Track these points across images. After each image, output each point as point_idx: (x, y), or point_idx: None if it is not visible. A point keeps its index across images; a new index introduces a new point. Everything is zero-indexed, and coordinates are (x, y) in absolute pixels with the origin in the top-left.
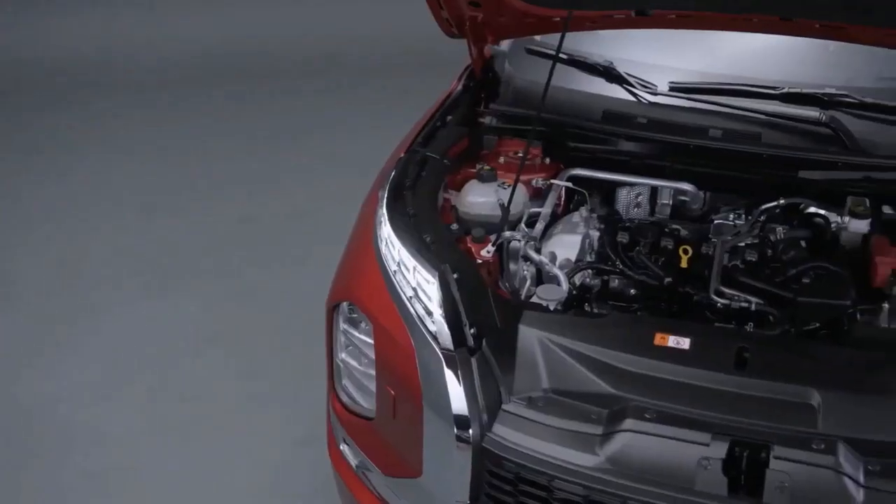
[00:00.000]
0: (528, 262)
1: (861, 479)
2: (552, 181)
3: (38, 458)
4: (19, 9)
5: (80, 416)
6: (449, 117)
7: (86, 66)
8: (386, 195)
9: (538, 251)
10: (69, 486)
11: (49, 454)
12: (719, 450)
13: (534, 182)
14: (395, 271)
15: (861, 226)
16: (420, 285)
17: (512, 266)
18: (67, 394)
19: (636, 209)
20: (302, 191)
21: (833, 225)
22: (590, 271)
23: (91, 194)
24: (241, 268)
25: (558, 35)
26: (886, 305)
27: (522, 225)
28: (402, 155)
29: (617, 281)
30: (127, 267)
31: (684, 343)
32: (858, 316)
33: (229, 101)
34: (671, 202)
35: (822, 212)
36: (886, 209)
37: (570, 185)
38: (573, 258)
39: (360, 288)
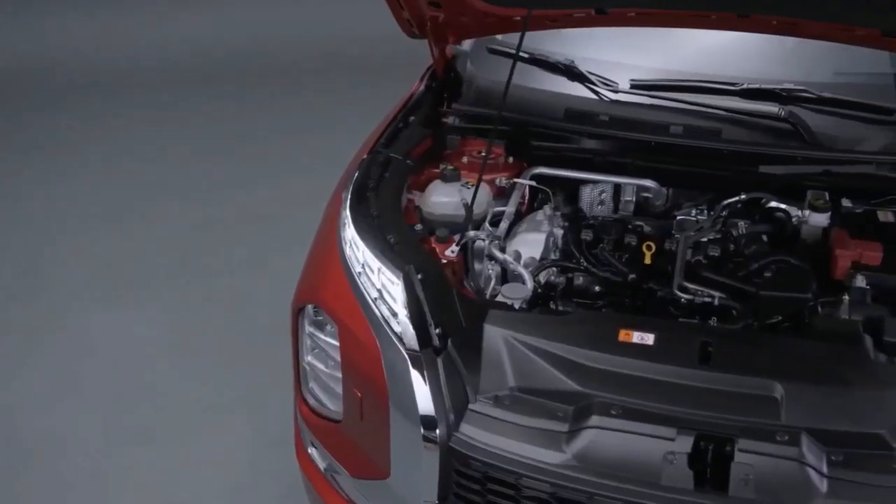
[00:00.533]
0: (493, 261)
1: (824, 469)
2: (516, 180)
3: None
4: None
5: (41, 425)
6: (412, 118)
7: (41, 70)
8: (349, 197)
9: (502, 250)
10: (29, 495)
11: (8, 464)
12: (685, 444)
13: (497, 181)
14: (359, 273)
15: (821, 219)
16: (385, 286)
17: (477, 265)
18: (25, 402)
19: (600, 206)
20: (268, 194)
21: (794, 219)
22: (554, 269)
23: (55, 199)
24: (207, 272)
25: (518, 35)
26: (846, 297)
27: (486, 224)
28: (365, 156)
29: (581, 278)
30: (89, 273)
31: (648, 339)
32: (819, 308)
33: (193, 104)
34: (634, 199)
35: (782, 206)
36: (845, 202)
37: (533, 183)
38: (538, 256)
39: (324, 290)
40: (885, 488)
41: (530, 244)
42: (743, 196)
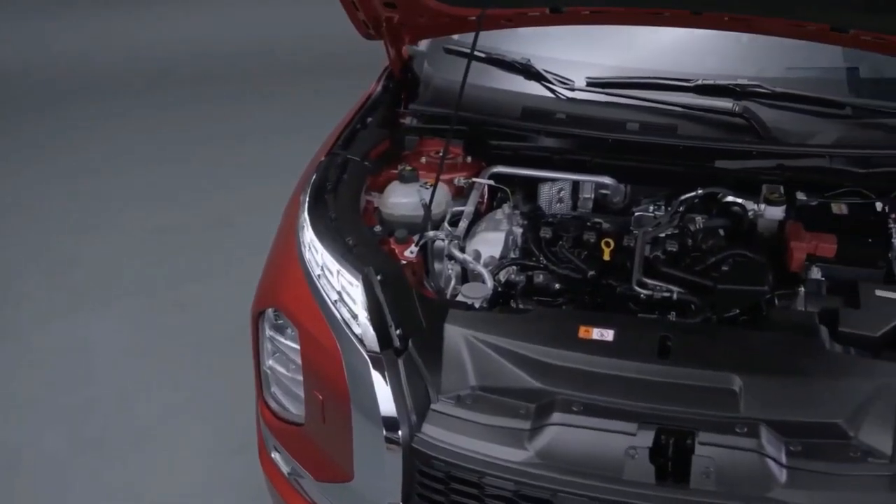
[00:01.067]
0: (453, 261)
1: (783, 459)
2: (474, 179)
3: None
4: None
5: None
6: (369, 119)
7: None
8: (307, 199)
9: (462, 250)
10: None
11: None
12: (646, 438)
13: (456, 181)
14: (318, 275)
15: (776, 212)
16: (344, 289)
17: (437, 265)
18: None
19: (559, 204)
20: (226, 199)
21: (750, 213)
22: (514, 268)
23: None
24: (169, 278)
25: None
26: (803, 289)
27: (446, 224)
28: (323, 158)
29: (541, 276)
30: (49, 281)
31: (608, 335)
32: (776, 301)
33: (148, 108)
34: (593, 196)
35: (739, 200)
36: (800, 195)
37: (491, 182)
38: (497, 255)
39: (284, 293)
40: (842, 476)
41: (490, 243)
42: (699, 191)
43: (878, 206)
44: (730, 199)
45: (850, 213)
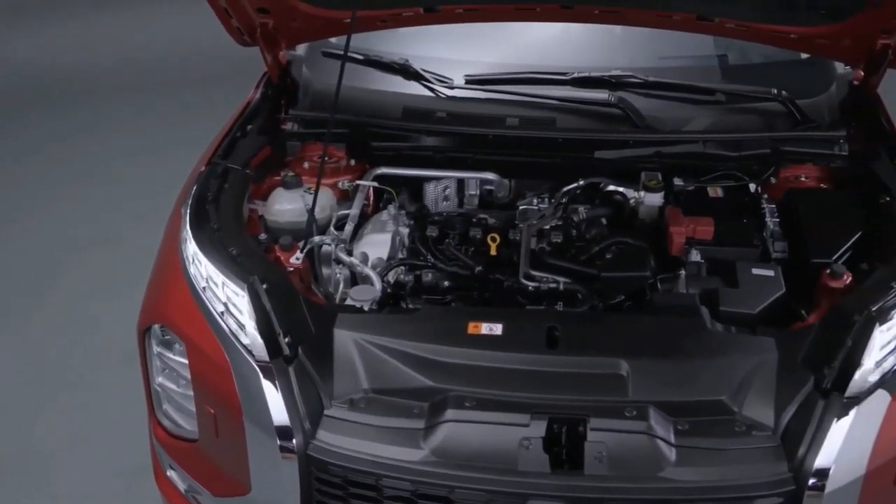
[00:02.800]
0: (341, 265)
1: (672, 439)
2: (358, 182)
3: None
4: None
5: None
6: (249, 126)
7: None
8: (188, 212)
9: (349, 253)
10: None
11: None
12: (538, 429)
13: (340, 184)
14: (203, 288)
15: (655, 199)
16: (230, 299)
17: (325, 270)
18: None
19: (445, 202)
20: (116, 213)
21: (631, 200)
22: (402, 268)
23: None
24: (54, 298)
25: (358, 36)
26: (683, 272)
27: (332, 228)
28: (203, 169)
29: (430, 275)
30: None
31: (497, 329)
32: (659, 285)
33: (31, 121)
34: (478, 192)
35: (620, 189)
36: (677, 181)
37: (375, 184)
38: (385, 257)
39: (169, 308)
40: (729, 451)
41: (377, 245)
42: (581, 182)
43: (752, 187)
44: (611, 188)
45: (726, 196)
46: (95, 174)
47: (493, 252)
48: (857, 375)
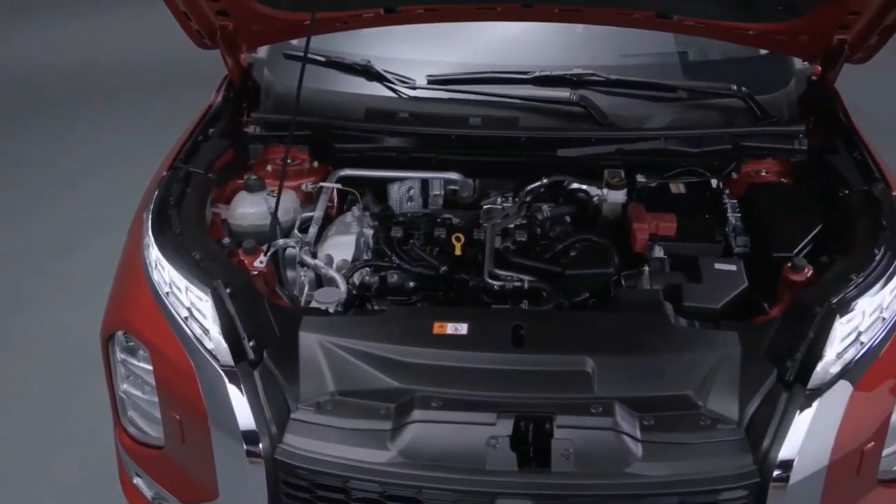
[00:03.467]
0: (305, 268)
1: (638, 434)
2: (321, 184)
3: None
4: None
5: None
6: (211, 130)
7: None
8: (150, 217)
9: (314, 255)
10: None
11: None
12: (505, 427)
13: (303, 187)
14: (167, 293)
15: (618, 196)
16: (194, 304)
17: (290, 273)
18: None
19: (409, 203)
20: (74, 219)
21: (595, 198)
22: (367, 269)
23: None
24: (13, 308)
25: (320, 38)
26: (647, 268)
27: (296, 231)
28: (165, 173)
29: (395, 276)
30: None
31: (462, 329)
32: (623, 281)
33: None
34: (442, 192)
35: (583, 187)
36: (640, 178)
37: (338, 186)
38: (350, 258)
39: (133, 315)
40: (695, 445)
41: (341, 247)
42: (545, 180)
43: (713, 183)
44: (574, 186)
45: (688, 192)
46: (70, 180)
47: (457, 252)
48: (819, 367)
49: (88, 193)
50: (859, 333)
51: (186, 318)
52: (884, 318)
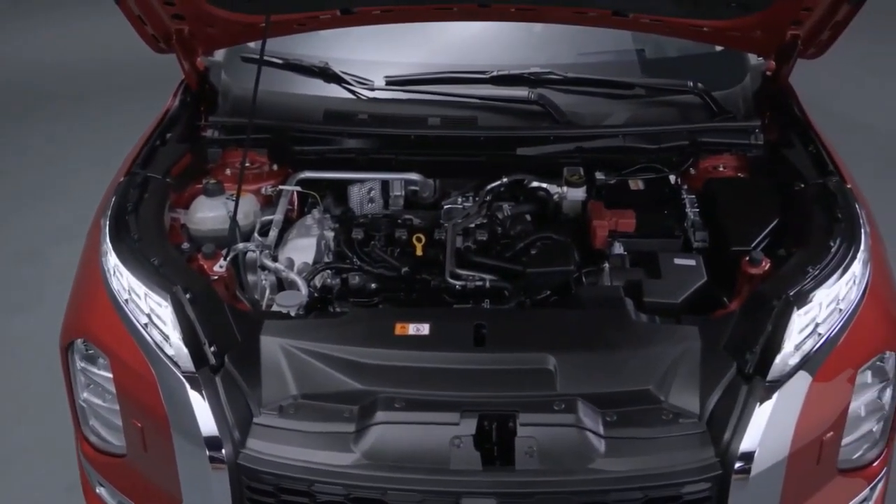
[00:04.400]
0: (266, 272)
1: (601, 430)
2: (281, 187)
3: None
4: None
5: None
6: (169, 135)
7: None
8: (108, 223)
9: (275, 259)
10: None
11: None
12: (469, 427)
13: (263, 190)
14: (126, 300)
15: (578, 193)
16: (153, 311)
17: (251, 277)
18: None
19: (370, 204)
20: (27, 229)
21: (555, 196)
22: (328, 272)
23: None
24: None
25: (278, 40)
26: (607, 265)
27: (256, 234)
28: (122, 179)
29: (356, 277)
30: None
31: (424, 329)
32: (584, 278)
33: None
34: (403, 193)
35: (543, 185)
36: (599, 175)
37: (298, 188)
38: (311, 261)
39: (92, 322)
40: (657, 439)
41: (302, 250)
42: (505, 179)
43: (672, 179)
44: (534, 184)
45: (647, 188)
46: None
47: (419, 252)
48: (778, 359)
49: (45, 202)
50: (817, 325)
51: (146, 324)
52: (840, 309)
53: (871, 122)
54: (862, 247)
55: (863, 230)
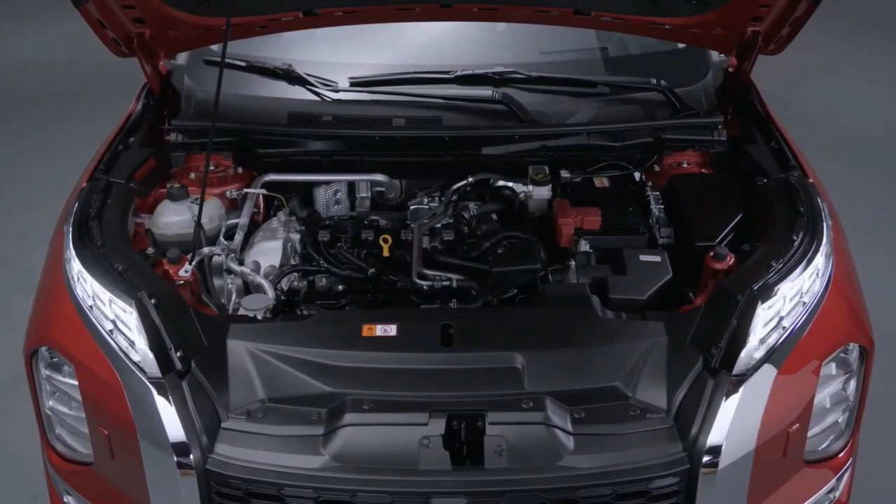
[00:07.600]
0: (232, 275)
1: (569, 427)
2: (246, 190)
3: None
4: None
5: None
6: (131, 139)
7: None
8: (71, 230)
9: (240, 262)
10: None
11: None
12: (438, 427)
13: (227, 193)
14: (91, 307)
15: (543, 192)
16: (118, 317)
17: (217, 281)
18: None
19: (337, 206)
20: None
21: (521, 195)
22: (295, 274)
23: None
24: None
25: (241, 43)
26: (573, 263)
27: (221, 238)
28: (85, 185)
29: (323, 279)
30: None
31: (391, 330)
32: (550, 276)
33: None
34: (369, 195)
35: (508, 184)
36: (564, 173)
37: (263, 191)
38: (277, 264)
39: (56, 330)
40: (625, 435)
41: (268, 253)
42: (470, 179)
43: (636, 175)
44: (500, 183)
45: (612, 186)
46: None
47: (385, 253)
48: (743, 353)
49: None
50: (781, 318)
51: (111, 331)
52: (804, 303)
53: (832, 117)
54: (824, 240)
55: (825, 224)
